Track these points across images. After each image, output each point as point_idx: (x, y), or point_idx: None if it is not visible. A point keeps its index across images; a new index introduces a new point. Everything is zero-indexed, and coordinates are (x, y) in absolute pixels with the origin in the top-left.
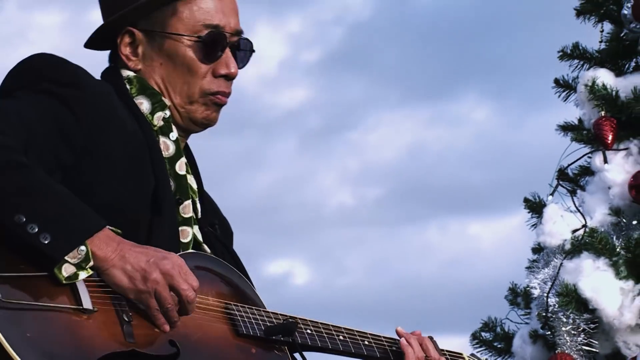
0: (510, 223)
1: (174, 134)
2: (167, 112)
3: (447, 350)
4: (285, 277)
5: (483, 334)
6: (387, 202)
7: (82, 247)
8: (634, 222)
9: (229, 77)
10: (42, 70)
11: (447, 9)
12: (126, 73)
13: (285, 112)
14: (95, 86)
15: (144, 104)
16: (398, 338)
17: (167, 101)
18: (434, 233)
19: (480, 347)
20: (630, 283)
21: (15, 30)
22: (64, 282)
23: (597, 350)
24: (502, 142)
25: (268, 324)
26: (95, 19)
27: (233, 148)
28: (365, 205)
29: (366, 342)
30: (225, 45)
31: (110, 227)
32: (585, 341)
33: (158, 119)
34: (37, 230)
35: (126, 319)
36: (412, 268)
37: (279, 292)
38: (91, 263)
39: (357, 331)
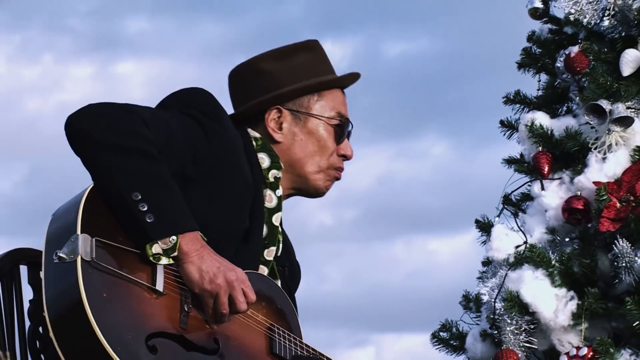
0: (464, 240)
1: (280, 191)
2: (280, 174)
3: None
4: None
5: (441, 333)
6: (361, 222)
7: (174, 237)
8: (567, 240)
9: (347, 158)
10: (196, 100)
11: (413, 63)
12: (253, 133)
13: None
14: (232, 130)
15: (265, 160)
16: None
17: (282, 164)
18: (400, 248)
19: (439, 344)
20: (564, 290)
21: (53, 81)
22: (150, 258)
23: (536, 347)
24: (457, 173)
25: (299, 352)
26: (120, 71)
27: None
28: (343, 225)
29: None
30: (349, 132)
31: (201, 234)
32: (526, 339)
33: (272, 176)
34: (146, 209)
35: (186, 309)
36: (382, 277)
37: None
38: (175, 253)
39: None
